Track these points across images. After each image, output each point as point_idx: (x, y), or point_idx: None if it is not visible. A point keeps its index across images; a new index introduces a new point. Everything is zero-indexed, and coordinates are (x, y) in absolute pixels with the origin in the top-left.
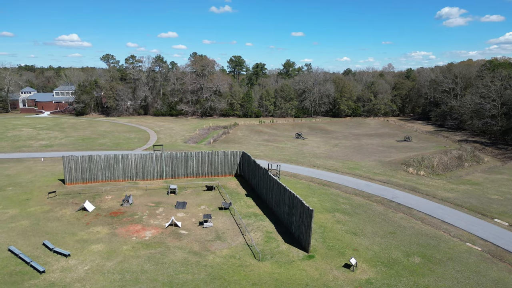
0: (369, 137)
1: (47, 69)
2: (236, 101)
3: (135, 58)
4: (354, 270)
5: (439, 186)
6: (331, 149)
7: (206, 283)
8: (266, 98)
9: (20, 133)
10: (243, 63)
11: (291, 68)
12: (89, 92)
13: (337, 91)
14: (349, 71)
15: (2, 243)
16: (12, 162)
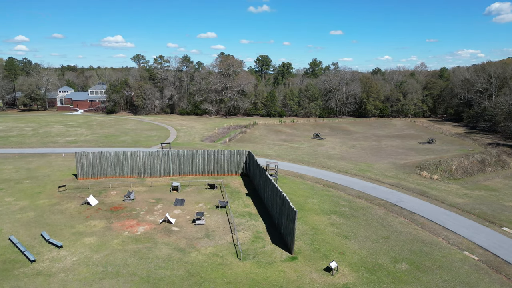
0: (390, 138)
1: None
2: (260, 100)
3: (163, 58)
4: (333, 274)
5: (451, 191)
6: (347, 150)
7: (183, 279)
8: (289, 97)
9: (51, 130)
10: (270, 62)
11: (317, 67)
12: (119, 91)
13: (364, 90)
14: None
15: (5, 232)
16: (36, 156)
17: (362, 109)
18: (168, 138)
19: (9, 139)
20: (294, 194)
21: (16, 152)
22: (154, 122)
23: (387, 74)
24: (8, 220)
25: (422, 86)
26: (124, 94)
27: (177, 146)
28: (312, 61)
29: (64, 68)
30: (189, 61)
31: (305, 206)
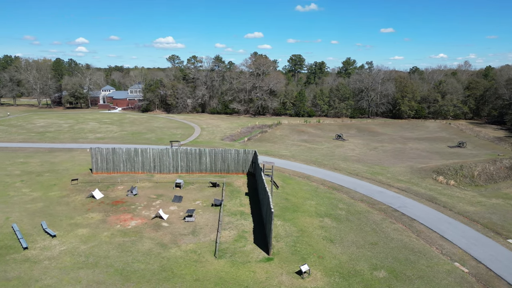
0: (418, 141)
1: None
2: (289, 100)
3: (196, 58)
4: (304, 278)
5: (465, 198)
6: (366, 152)
7: (154, 273)
8: (319, 97)
9: (85, 127)
10: (303, 61)
11: (351, 67)
12: (154, 90)
13: (398, 90)
14: (415, 69)
15: (11, 220)
16: (63, 151)
17: (396, 110)
18: (191, 136)
19: (45, 135)
20: (294, 195)
21: (47, 146)
22: (183, 120)
23: (427, 73)
24: (17, 209)
25: (463, 86)
26: (159, 93)
27: (196, 144)
28: (345, 60)
29: (112, 69)
30: (221, 61)
31: (300, 208)
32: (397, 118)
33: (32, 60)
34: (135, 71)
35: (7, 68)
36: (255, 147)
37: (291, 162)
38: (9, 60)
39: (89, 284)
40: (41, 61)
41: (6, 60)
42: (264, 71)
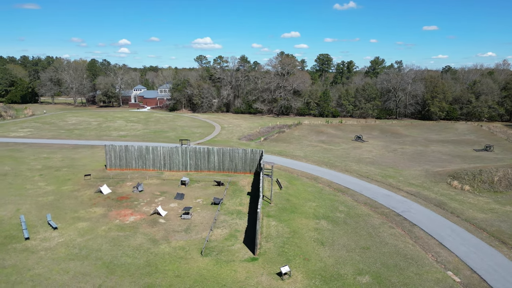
0: (442, 143)
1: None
2: (313, 100)
3: (222, 59)
4: (283, 279)
5: (477, 204)
6: (383, 154)
7: (138, 268)
8: (344, 97)
9: (113, 125)
10: (330, 61)
11: (379, 66)
12: (180, 90)
13: (428, 91)
14: (448, 68)
15: (21, 212)
16: (86, 148)
17: (425, 111)
18: (210, 135)
19: (74, 132)
20: (296, 196)
21: (72, 143)
22: (206, 120)
23: (462, 73)
24: (29, 202)
25: (500, 86)
26: (186, 93)
27: (212, 143)
28: (373, 59)
29: (147, 69)
30: (246, 61)
31: (299, 209)
32: (427, 120)
33: (71, 61)
34: (168, 71)
35: (47, 69)
36: (270, 147)
37: (302, 163)
38: (50, 60)
39: (75, 275)
40: (78, 61)
41: (48, 61)
42: (289, 70)
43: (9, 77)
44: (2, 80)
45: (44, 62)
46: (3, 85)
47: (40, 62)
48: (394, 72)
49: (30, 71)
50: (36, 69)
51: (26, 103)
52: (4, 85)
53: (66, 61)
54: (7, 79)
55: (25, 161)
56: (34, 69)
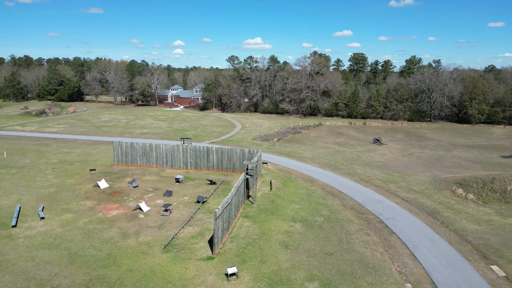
0: (468, 148)
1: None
2: (341, 101)
3: (252, 59)
4: (229, 280)
5: (475, 214)
6: (397, 158)
7: (98, 260)
8: (375, 98)
9: (140, 122)
10: (365, 60)
11: (415, 65)
12: (211, 90)
13: (466, 92)
14: (492, 68)
15: (22, 202)
16: (105, 144)
17: (462, 113)
18: (226, 134)
19: (101, 129)
20: (283, 198)
21: (95, 139)
22: (231, 119)
23: (507, 73)
24: (32, 193)
25: None
26: (216, 93)
27: (225, 142)
28: (409, 58)
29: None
30: (276, 61)
31: (279, 211)
32: (464, 123)
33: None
34: (200, 71)
35: (91, 69)
36: (281, 147)
37: (306, 165)
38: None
39: (39, 263)
40: (119, 62)
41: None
42: (319, 70)
43: (58, 77)
44: (52, 79)
45: (90, 63)
46: (53, 84)
47: (86, 63)
48: (429, 71)
49: (77, 71)
50: (82, 70)
51: (73, 101)
52: (54, 84)
53: (108, 61)
54: (57, 79)
55: (46, 155)
56: (81, 70)
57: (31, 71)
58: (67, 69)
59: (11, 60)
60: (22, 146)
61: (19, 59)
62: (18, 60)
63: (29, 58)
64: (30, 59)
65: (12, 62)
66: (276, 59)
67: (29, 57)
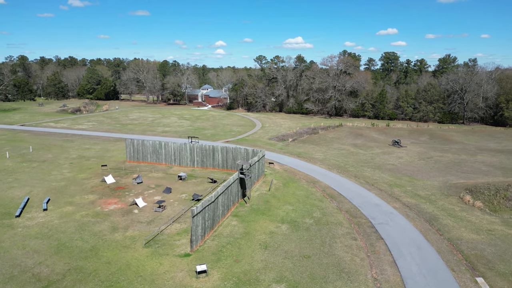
0: (494, 153)
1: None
2: (368, 101)
3: (279, 59)
4: (198, 277)
5: (477, 223)
6: (412, 161)
7: (81, 251)
8: (403, 99)
9: (164, 121)
10: (397, 59)
11: (449, 65)
12: (237, 90)
13: (503, 93)
14: None
15: (32, 194)
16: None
17: (498, 115)
18: (243, 134)
19: (127, 126)
20: (278, 199)
21: (117, 136)
22: (253, 119)
23: None
24: (43, 186)
25: None
26: (242, 93)
27: (240, 142)
28: (443, 57)
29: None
30: (303, 60)
31: (270, 212)
32: (500, 126)
33: (146, 62)
34: (227, 71)
35: (126, 69)
36: (295, 148)
37: (314, 166)
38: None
39: (28, 251)
40: (151, 62)
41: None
42: (346, 70)
43: (96, 76)
44: (90, 79)
45: (125, 63)
46: (91, 84)
47: (121, 63)
48: (463, 71)
49: (113, 71)
50: (118, 70)
51: (109, 99)
52: (92, 83)
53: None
54: (95, 78)
55: (68, 150)
56: (116, 70)
57: (73, 71)
58: (104, 69)
59: (56, 61)
60: (50, 141)
61: (64, 60)
62: (63, 60)
63: (74, 58)
64: (74, 59)
65: (56, 63)
66: (302, 59)
67: (74, 58)
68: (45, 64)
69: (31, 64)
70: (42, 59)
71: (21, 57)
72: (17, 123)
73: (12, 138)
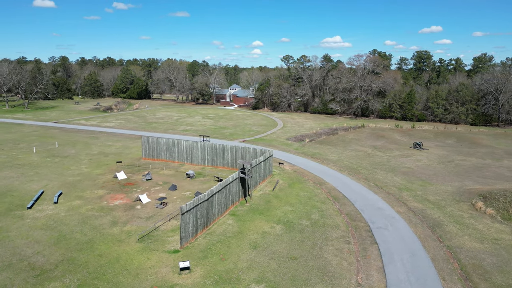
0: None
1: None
2: (395, 102)
3: (305, 58)
4: (180, 274)
5: (484, 231)
6: (430, 165)
7: (78, 243)
8: (433, 99)
9: (188, 120)
10: (429, 58)
11: (485, 64)
12: (262, 89)
13: None
14: None
15: (48, 187)
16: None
17: None
18: (263, 133)
19: (151, 125)
20: (280, 199)
21: (140, 134)
22: (276, 119)
23: None
24: (60, 180)
25: None
26: (267, 92)
27: (257, 142)
28: (478, 56)
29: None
30: (329, 60)
31: (268, 212)
32: None
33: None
34: (274, 71)
35: (157, 69)
36: (310, 149)
37: (325, 167)
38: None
39: (30, 242)
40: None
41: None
42: (374, 70)
43: (129, 76)
44: (124, 79)
45: (156, 63)
46: (125, 83)
47: (153, 63)
48: (497, 71)
49: (145, 71)
50: (149, 70)
51: (141, 99)
52: (126, 83)
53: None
54: (128, 78)
55: (91, 147)
56: (148, 70)
57: (109, 71)
58: (138, 69)
59: (95, 61)
60: (77, 138)
61: (103, 60)
62: (101, 61)
63: (112, 59)
64: (112, 60)
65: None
66: (329, 58)
67: (112, 58)
68: (84, 64)
69: (71, 65)
70: (82, 60)
71: (62, 57)
72: (52, 120)
73: (43, 134)
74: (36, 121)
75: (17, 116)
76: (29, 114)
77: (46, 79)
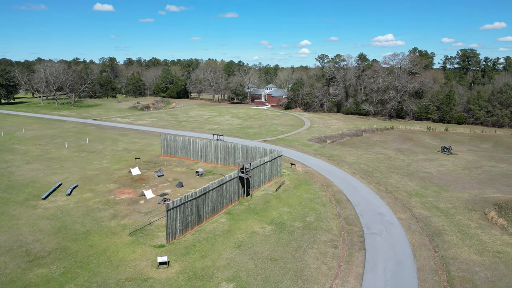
0: None
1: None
2: (433, 103)
3: (340, 57)
4: (158, 268)
5: (488, 243)
6: (454, 170)
7: (75, 234)
8: (474, 101)
9: (217, 119)
10: (476, 57)
11: None
12: (295, 89)
13: None
14: None
15: (67, 180)
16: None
17: None
18: (287, 133)
19: (181, 123)
20: (280, 200)
21: (167, 132)
22: (305, 119)
23: None
24: (79, 173)
25: None
26: (300, 92)
27: (279, 141)
28: None
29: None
30: (365, 59)
31: (264, 212)
32: None
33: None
34: (314, 70)
35: (195, 69)
36: (329, 150)
37: (338, 170)
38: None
39: (34, 230)
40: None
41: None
42: (411, 69)
43: (170, 76)
44: (165, 79)
45: (200, 64)
46: (165, 83)
47: (192, 63)
48: None
49: (185, 71)
50: (188, 70)
51: (180, 98)
52: (166, 83)
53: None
54: (169, 78)
55: (118, 143)
56: (187, 70)
57: (152, 71)
58: (177, 69)
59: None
60: (108, 135)
61: (148, 61)
62: (147, 61)
63: (157, 59)
64: (157, 60)
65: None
66: (364, 57)
67: (157, 59)
68: (130, 64)
69: (118, 65)
70: (129, 60)
71: (110, 58)
72: (91, 118)
73: (79, 131)
74: (77, 118)
75: (63, 113)
76: (73, 111)
77: (92, 78)
